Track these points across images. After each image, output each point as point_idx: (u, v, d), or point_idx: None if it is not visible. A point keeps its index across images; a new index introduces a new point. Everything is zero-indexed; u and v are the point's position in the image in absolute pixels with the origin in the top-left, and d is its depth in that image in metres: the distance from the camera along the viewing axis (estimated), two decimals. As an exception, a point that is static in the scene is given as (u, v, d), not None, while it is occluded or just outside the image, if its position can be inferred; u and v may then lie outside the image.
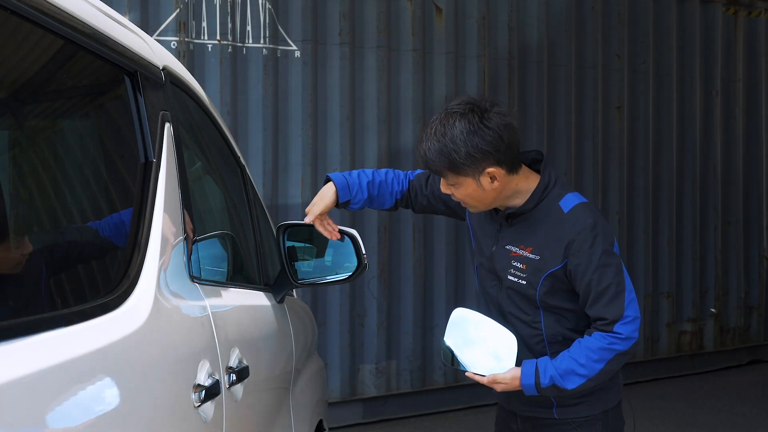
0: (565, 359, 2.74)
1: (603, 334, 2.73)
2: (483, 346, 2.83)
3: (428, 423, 6.74)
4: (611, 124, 7.87)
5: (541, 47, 7.42)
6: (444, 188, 2.79)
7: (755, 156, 8.90)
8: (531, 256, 2.78)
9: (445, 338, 2.89)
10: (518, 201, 2.79)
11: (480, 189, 2.71)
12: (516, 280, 2.82)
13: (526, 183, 2.79)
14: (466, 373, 2.84)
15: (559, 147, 7.51)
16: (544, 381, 2.74)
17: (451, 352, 2.87)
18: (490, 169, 2.67)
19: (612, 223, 7.80)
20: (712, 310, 8.49)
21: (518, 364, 2.80)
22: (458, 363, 2.86)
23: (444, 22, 6.89)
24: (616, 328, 2.72)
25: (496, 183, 2.71)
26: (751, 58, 8.83)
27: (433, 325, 6.87)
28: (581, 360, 2.72)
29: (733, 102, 8.70)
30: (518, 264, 2.81)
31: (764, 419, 6.82)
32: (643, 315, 8.01)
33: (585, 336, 2.76)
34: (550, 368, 2.75)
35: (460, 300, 6.85)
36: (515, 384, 2.78)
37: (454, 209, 3.05)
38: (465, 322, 2.86)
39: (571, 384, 2.73)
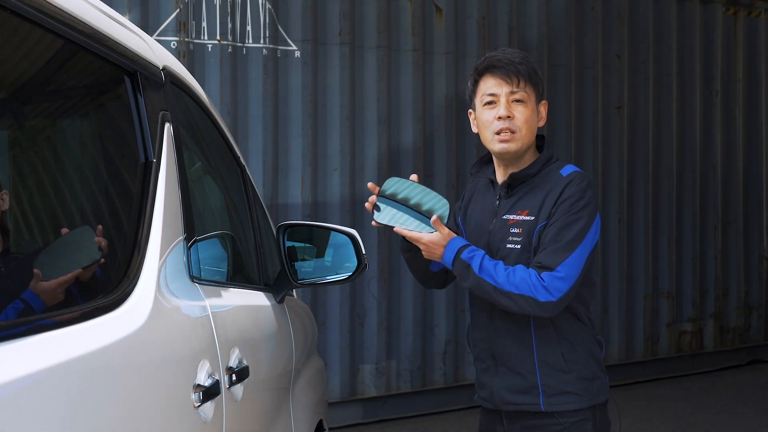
0: (495, 262, 2.77)
1: (535, 272, 2.74)
2: (423, 208, 2.79)
3: (428, 423, 6.74)
4: (611, 124, 7.88)
5: (541, 47, 7.42)
6: (506, 108, 2.83)
7: (755, 156, 8.90)
8: (527, 218, 2.83)
9: (385, 196, 2.80)
10: (522, 166, 2.90)
11: (535, 116, 2.88)
12: (513, 246, 2.84)
13: (534, 154, 2.93)
14: (395, 228, 2.79)
15: (559, 147, 7.50)
16: (466, 255, 2.76)
17: (391, 207, 2.79)
18: (544, 102, 2.92)
19: (612, 223, 7.80)
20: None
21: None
22: (392, 220, 2.79)
23: (444, 22, 6.89)
24: (544, 275, 2.73)
25: (541, 120, 2.91)
26: (751, 58, 8.83)
27: (433, 325, 6.87)
28: (504, 272, 2.74)
29: (733, 102, 8.70)
30: (516, 230, 2.84)
31: (764, 419, 6.81)
32: (644, 314, 8.02)
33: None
34: (479, 253, 2.77)
35: (460, 299, 6.85)
36: (444, 242, 2.78)
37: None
38: (404, 186, 2.82)
39: (482, 275, 2.75)
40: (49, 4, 1.58)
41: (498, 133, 2.83)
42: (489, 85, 2.87)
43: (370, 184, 2.88)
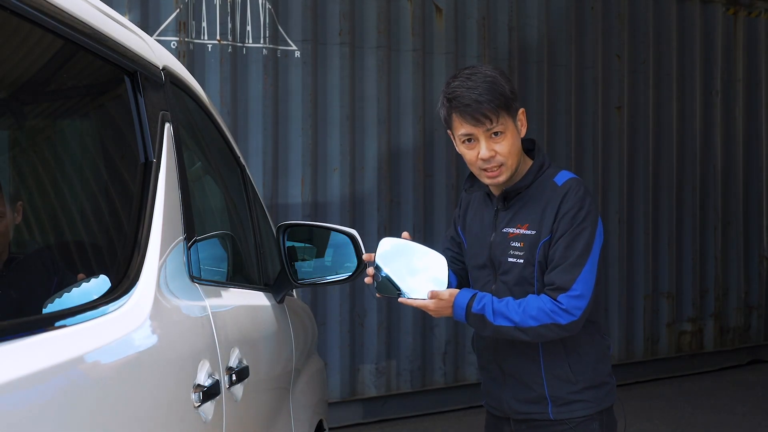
0: (505, 301, 2.75)
1: (549, 298, 2.73)
2: (422, 273, 2.79)
3: (428, 423, 6.74)
4: (611, 124, 7.88)
5: (541, 47, 7.42)
6: (487, 150, 2.75)
7: (755, 156, 8.90)
8: (528, 232, 2.81)
9: (381, 268, 2.79)
10: (516, 179, 2.86)
11: (517, 137, 2.79)
12: (514, 260, 2.82)
13: (525, 163, 2.87)
14: (400, 299, 2.79)
15: (559, 147, 7.51)
16: (476, 307, 2.74)
17: (391, 282, 2.78)
18: (521, 110, 2.83)
19: (612, 223, 7.80)
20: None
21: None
22: (394, 292, 2.79)
23: (444, 22, 6.89)
24: (560, 297, 2.71)
25: (522, 128, 2.83)
26: (751, 58, 8.83)
27: (433, 325, 6.87)
28: (518, 309, 2.72)
29: (733, 102, 8.70)
30: (516, 243, 2.82)
31: (764, 419, 6.81)
32: (644, 314, 8.03)
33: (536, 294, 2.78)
34: (487, 300, 2.75)
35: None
36: (450, 303, 2.76)
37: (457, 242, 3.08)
38: (396, 251, 2.81)
39: (498, 321, 2.73)
40: (49, 4, 1.58)
41: (484, 169, 2.80)
42: (462, 127, 2.77)
43: (365, 256, 2.86)
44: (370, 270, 2.82)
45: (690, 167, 8.39)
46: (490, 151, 2.76)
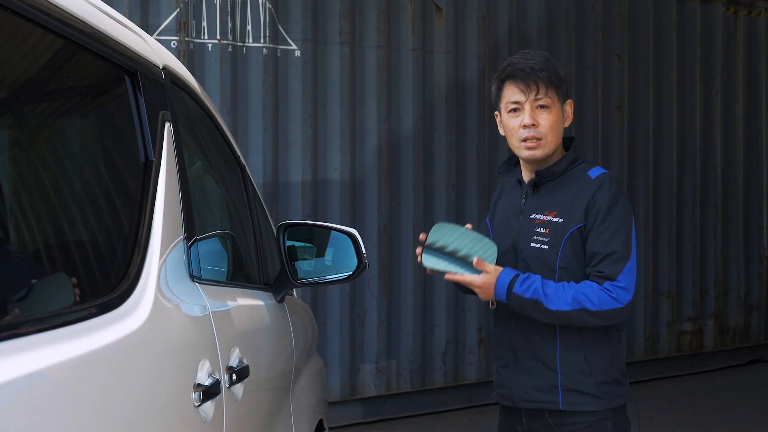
0: (555, 286, 2.78)
1: (597, 285, 2.77)
2: (472, 255, 2.83)
3: (428, 423, 6.74)
4: (611, 124, 7.88)
5: (541, 47, 7.42)
6: (530, 117, 2.84)
7: (755, 156, 8.90)
8: (555, 219, 2.85)
9: (433, 244, 2.84)
10: (549, 163, 2.92)
11: (560, 119, 2.89)
12: (538, 246, 2.86)
13: (561, 153, 2.95)
14: (447, 276, 2.84)
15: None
16: (520, 288, 2.77)
17: (440, 257, 2.83)
18: (569, 101, 2.93)
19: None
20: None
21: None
22: (443, 266, 2.83)
23: (444, 22, 6.89)
24: (607, 285, 2.77)
25: (567, 120, 2.92)
26: (751, 58, 8.83)
27: (433, 325, 6.87)
28: (567, 293, 2.76)
29: (733, 102, 8.70)
30: (542, 229, 2.86)
31: (764, 419, 6.82)
32: (644, 314, 8.03)
33: (578, 282, 2.81)
34: (537, 284, 2.78)
35: (460, 299, 6.85)
36: (493, 279, 2.80)
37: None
38: (451, 231, 2.87)
39: (552, 305, 2.76)
40: (49, 3, 1.58)
41: (524, 140, 2.86)
42: (512, 93, 2.88)
43: (421, 236, 2.90)
44: (420, 249, 2.87)
45: (690, 167, 8.39)
46: (533, 119, 2.84)
